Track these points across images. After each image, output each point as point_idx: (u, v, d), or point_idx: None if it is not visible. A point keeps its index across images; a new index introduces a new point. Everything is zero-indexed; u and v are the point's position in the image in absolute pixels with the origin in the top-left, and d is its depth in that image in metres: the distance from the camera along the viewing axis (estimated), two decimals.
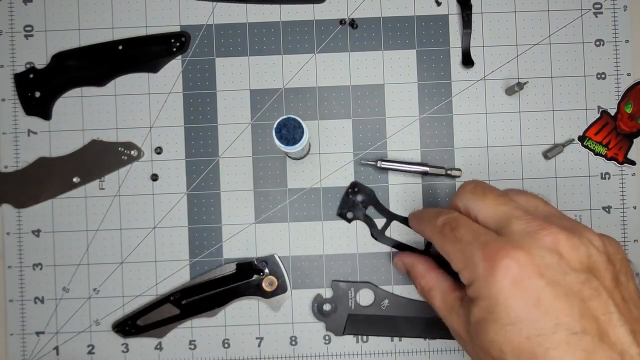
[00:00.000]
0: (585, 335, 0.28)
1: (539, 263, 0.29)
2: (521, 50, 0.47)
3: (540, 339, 0.28)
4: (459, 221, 0.33)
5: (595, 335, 0.28)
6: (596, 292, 0.29)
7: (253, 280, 0.45)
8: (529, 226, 0.30)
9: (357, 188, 0.46)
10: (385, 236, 0.46)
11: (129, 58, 0.46)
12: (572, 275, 0.29)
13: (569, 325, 0.28)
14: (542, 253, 0.29)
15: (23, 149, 0.46)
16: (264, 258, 0.45)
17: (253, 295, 0.45)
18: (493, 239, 0.30)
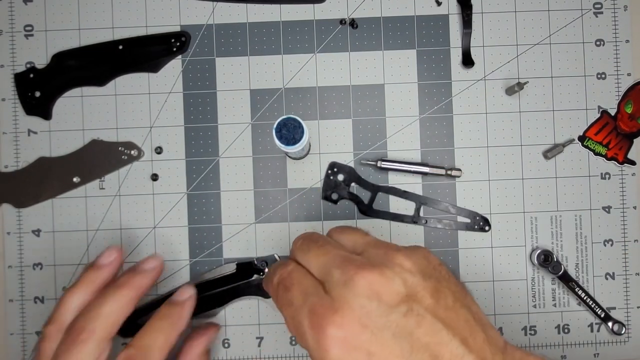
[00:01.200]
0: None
1: (359, 314, 0.28)
2: (521, 50, 0.47)
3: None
4: (292, 279, 0.32)
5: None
6: (420, 317, 0.28)
7: (253, 280, 0.45)
8: (345, 275, 0.29)
9: (337, 168, 0.46)
10: (374, 209, 0.46)
11: (129, 58, 0.46)
12: (394, 313, 0.28)
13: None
14: (361, 302, 0.28)
15: (23, 149, 0.46)
16: (264, 258, 0.45)
17: (253, 295, 0.45)
18: (318, 302, 0.29)
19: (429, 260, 0.31)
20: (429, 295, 0.29)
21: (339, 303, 0.29)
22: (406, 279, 0.29)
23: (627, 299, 0.46)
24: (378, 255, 0.31)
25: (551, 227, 0.46)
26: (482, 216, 0.46)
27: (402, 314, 0.28)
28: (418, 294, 0.29)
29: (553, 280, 0.46)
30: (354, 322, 0.28)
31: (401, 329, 0.28)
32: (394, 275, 0.29)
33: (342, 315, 0.28)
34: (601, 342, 0.46)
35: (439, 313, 0.29)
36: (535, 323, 0.46)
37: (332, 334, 0.28)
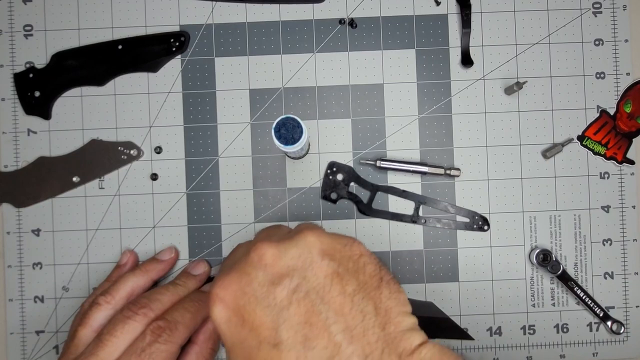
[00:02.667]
0: (286, 345, 0.27)
1: (242, 281, 0.29)
2: (520, 50, 0.47)
3: (252, 357, 0.28)
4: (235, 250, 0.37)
5: (298, 343, 0.27)
6: (303, 294, 0.28)
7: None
8: (247, 248, 0.32)
9: (336, 167, 0.46)
10: (373, 209, 0.46)
11: (128, 58, 0.46)
12: (275, 285, 0.29)
13: (269, 339, 0.27)
14: (247, 270, 0.30)
15: (23, 149, 0.46)
16: None
17: None
18: (224, 270, 0.32)
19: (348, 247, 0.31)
20: (323, 275, 0.29)
21: (233, 270, 0.30)
22: (300, 253, 0.29)
23: (625, 298, 0.46)
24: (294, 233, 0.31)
25: (550, 227, 0.46)
26: (481, 215, 0.46)
27: (283, 287, 0.28)
28: (308, 271, 0.29)
29: (552, 280, 0.46)
30: (236, 286, 0.29)
31: (278, 301, 0.28)
32: (287, 248, 0.30)
33: (229, 279, 0.30)
34: (600, 342, 0.46)
35: (327, 295, 0.28)
36: (534, 322, 0.46)
37: (216, 292, 0.30)
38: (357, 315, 0.28)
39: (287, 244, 0.30)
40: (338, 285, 0.29)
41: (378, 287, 0.29)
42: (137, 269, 0.43)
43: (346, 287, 0.29)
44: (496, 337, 0.46)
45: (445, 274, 0.46)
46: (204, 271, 0.44)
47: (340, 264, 0.29)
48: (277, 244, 0.30)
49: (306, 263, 0.29)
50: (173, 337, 0.38)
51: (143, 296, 0.40)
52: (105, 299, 0.40)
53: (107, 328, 0.38)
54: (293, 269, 0.29)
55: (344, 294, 0.28)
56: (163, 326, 0.38)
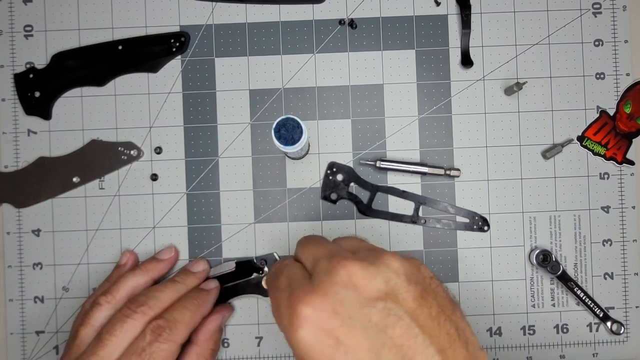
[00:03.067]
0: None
1: (333, 301, 0.28)
2: (520, 50, 0.47)
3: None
4: (283, 268, 0.34)
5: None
6: (397, 317, 0.28)
7: (252, 278, 0.45)
8: (329, 264, 0.30)
9: (336, 168, 0.46)
10: (373, 209, 0.46)
11: (128, 58, 0.46)
12: (369, 307, 0.28)
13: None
14: (336, 289, 0.29)
15: (23, 149, 0.46)
16: (263, 256, 0.45)
17: (252, 293, 0.45)
18: (299, 286, 0.30)
19: (420, 270, 0.32)
20: (412, 299, 0.29)
21: (317, 287, 0.29)
22: (389, 278, 0.30)
23: (625, 298, 0.46)
24: (369, 254, 0.31)
25: (550, 227, 0.46)
26: (481, 216, 0.46)
27: (378, 309, 0.28)
28: (399, 295, 0.29)
29: (552, 280, 0.46)
30: (326, 306, 0.28)
31: (374, 324, 0.28)
32: (377, 272, 0.29)
33: (317, 298, 0.29)
34: (600, 342, 0.46)
35: (418, 318, 0.29)
36: (534, 323, 0.46)
37: (303, 313, 0.28)
38: (445, 336, 0.29)
39: (375, 267, 0.30)
40: (425, 308, 0.29)
41: (453, 310, 0.31)
42: (137, 269, 0.43)
43: (431, 310, 0.29)
44: (496, 337, 0.46)
45: (445, 274, 0.46)
46: (204, 269, 0.44)
47: (424, 287, 0.30)
48: (364, 264, 0.30)
49: (396, 287, 0.29)
50: (173, 336, 0.38)
51: (141, 294, 0.40)
52: (106, 298, 0.40)
53: (107, 327, 0.38)
54: (385, 292, 0.29)
55: (431, 317, 0.29)
56: (163, 325, 0.38)
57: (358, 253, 0.32)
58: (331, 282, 0.29)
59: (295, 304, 0.29)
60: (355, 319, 0.28)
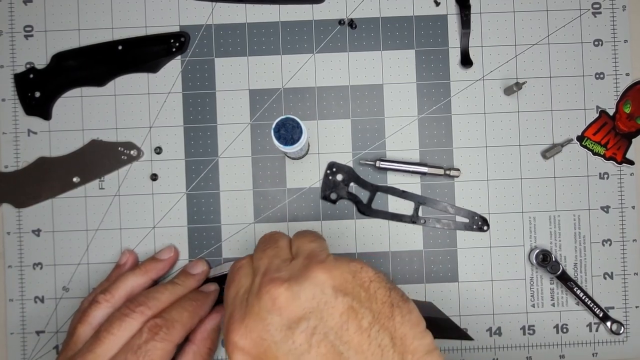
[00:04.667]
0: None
1: (259, 327, 0.29)
2: (520, 50, 0.47)
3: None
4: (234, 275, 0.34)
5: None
6: (322, 336, 0.28)
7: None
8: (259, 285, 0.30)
9: (335, 168, 0.46)
10: (373, 209, 0.46)
11: (128, 58, 0.46)
12: (292, 329, 0.28)
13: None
14: (263, 315, 0.29)
15: (23, 149, 0.46)
16: None
17: None
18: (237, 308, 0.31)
19: (357, 275, 0.30)
20: (338, 314, 0.29)
21: (248, 312, 0.30)
22: (314, 294, 0.29)
23: (625, 298, 0.46)
24: (300, 266, 0.31)
25: (550, 227, 0.46)
26: (480, 216, 0.46)
27: (300, 330, 0.28)
28: (324, 311, 0.29)
29: (551, 280, 0.46)
30: (254, 333, 0.29)
31: (298, 346, 0.28)
32: (299, 290, 0.29)
33: (246, 326, 0.29)
34: (600, 342, 0.46)
35: (345, 334, 0.28)
36: (534, 323, 0.46)
37: (235, 342, 0.29)
38: (376, 350, 0.28)
39: (299, 285, 0.29)
40: (354, 321, 0.28)
41: (391, 315, 0.29)
42: (137, 269, 0.43)
43: (362, 322, 0.29)
44: (496, 337, 0.46)
45: (444, 274, 0.46)
46: (203, 270, 0.44)
47: (354, 297, 0.29)
48: (289, 284, 0.29)
49: (321, 303, 0.29)
50: (169, 335, 0.38)
51: (141, 294, 0.40)
52: (105, 297, 0.40)
53: (105, 325, 0.38)
54: (309, 310, 0.29)
55: (360, 330, 0.28)
56: (160, 324, 0.38)
57: (293, 262, 0.32)
58: (259, 307, 0.29)
59: (230, 329, 0.30)
60: (279, 343, 0.28)
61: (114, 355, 0.37)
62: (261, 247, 0.34)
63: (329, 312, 0.29)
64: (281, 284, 0.29)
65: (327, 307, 0.29)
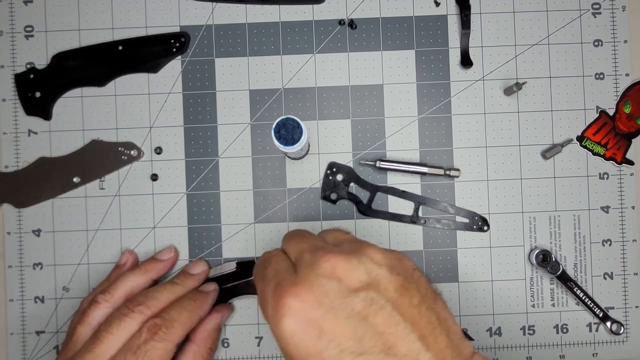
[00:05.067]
0: (370, 354, 0.28)
1: (317, 292, 0.29)
2: (520, 51, 0.47)
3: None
4: (270, 259, 0.34)
5: (381, 351, 0.28)
6: (379, 306, 0.29)
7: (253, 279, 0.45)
8: (313, 257, 0.31)
9: (336, 168, 0.46)
10: (373, 209, 0.46)
11: (128, 58, 0.47)
12: (352, 297, 0.29)
13: (352, 348, 0.28)
14: (320, 281, 0.30)
15: (23, 149, 0.46)
16: None
17: (253, 294, 0.45)
18: (285, 277, 0.31)
19: (402, 261, 0.33)
20: (393, 288, 0.30)
21: (301, 279, 0.30)
22: (371, 269, 0.31)
23: (625, 298, 0.46)
24: (352, 246, 0.32)
25: (550, 227, 0.46)
26: (480, 216, 0.46)
27: (360, 299, 0.29)
28: (381, 284, 0.30)
29: (551, 280, 0.46)
30: (310, 296, 0.29)
31: (356, 313, 0.29)
32: (358, 264, 0.30)
33: (301, 289, 0.30)
34: (600, 342, 0.46)
35: (400, 307, 0.30)
36: (534, 323, 0.46)
37: (288, 303, 0.29)
38: (426, 324, 0.30)
39: (357, 259, 0.31)
40: (406, 297, 0.30)
41: (435, 299, 0.32)
42: (137, 269, 0.43)
43: (412, 299, 0.30)
44: (496, 337, 0.46)
45: (444, 275, 0.46)
46: (203, 271, 0.44)
47: (405, 277, 0.31)
48: (346, 257, 0.31)
49: (378, 277, 0.30)
50: (169, 335, 0.38)
51: (140, 294, 0.40)
52: (104, 297, 0.40)
53: (104, 325, 0.38)
54: (367, 282, 0.30)
55: (412, 306, 0.30)
56: (159, 324, 0.38)
57: (341, 246, 0.33)
58: (315, 274, 0.30)
59: (281, 295, 0.30)
60: (337, 309, 0.29)
61: (114, 355, 0.37)
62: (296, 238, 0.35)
63: (385, 286, 0.30)
64: (339, 255, 0.31)
65: (383, 282, 0.30)
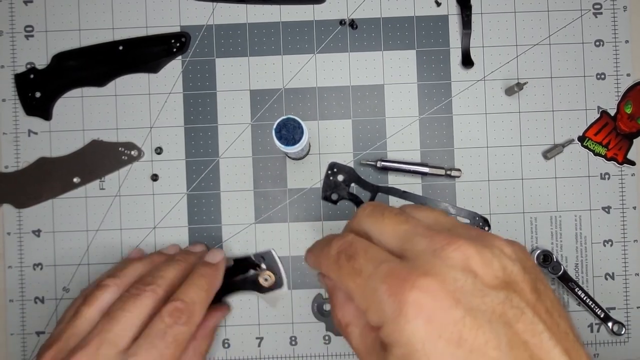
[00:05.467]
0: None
1: (452, 288, 0.24)
2: (521, 51, 0.47)
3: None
4: (356, 246, 0.28)
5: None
6: (520, 310, 0.24)
7: (250, 275, 0.45)
8: (434, 243, 0.26)
9: (336, 168, 0.46)
10: None
11: (129, 58, 0.46)
12: (491, 296, 0.24)
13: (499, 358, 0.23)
14: (453, 274, 0.24)
15: (23, 149, 0.46)
16: (261, 253, 0.45)
17: (249, 290, 0.45)
18: (397, 267, 0.25)
19: (528, 256, 0.28)
20: (529, 290, 0.25)
21: (427, 269, 0.24)
22: (506, 265, 0.25)
23: (626, 299, 0.46)
24: (471, 233, 0.27)
25: (551, 228, 0.46)
26: (481, 216, 0.46)
27: (500, 300, 0.24)
28: (518, 285, 0.25)
29: (553, 281, 0.46)
30: (445, 293, 0.24)
31: (498, 316, 0.24)
32: (492, 257, 0.25)
33: (430, 283, 0.24)
34: (601, 343, 0.46)
35: (539, 312, 0.25)
36: None
37: (417, 299, 0.23)
38: (564, 335, 0.25)
39: (490, 252, 0.25)
40: (542, 302, 0.25)
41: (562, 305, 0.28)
42: (145, 259, 0.42)
43: (546, 303, 0.26)
44: None
45: None
46: (202, 250, 0.44)
47: (535, 276, 0.26)
48: (476, 247, 0.25)
49: (512, 276, 0.25)
50: (193, 317, 0.37)
51: (147, 274, 0.39)
52: (114, 280, 0.38)
53: (118, 304, 0.36)
54: (503, 281, 0.25)
55: (548, 312, 0.25)
56: (181, 307, 0.36)
57: (453, 230, 0.28)
58: (445, 265, 0.24)
59: (405, 287, 0.24)
60: (479, 310, 0.23)
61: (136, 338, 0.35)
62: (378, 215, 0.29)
63: (521, 286, 0.25)
64: (469, 244, 0.25)
65: (519, 281, 0.25)
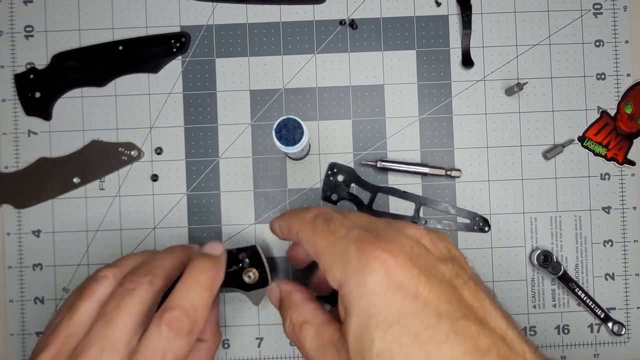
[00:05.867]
0: (467, 320, 0.26)
1: (410, 252, 0.28)
2: (521, 51, 0.47)
3: (429, 332, 0.26)
4: (333, 214, 0.32)
5: (475, 320, 0.27)
6: (464, 280, 0.29)
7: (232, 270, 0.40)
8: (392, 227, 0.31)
9: (337, 168, 0.46)
10: (374, 210, 0.46)
11: (129, 58, 0.46)
12: (440, 266, 0.29)
13: (450, 312, 0.26)
14: (411, 243, 0.29)
15: (23, 149, 0.46)
16: (243, 248, 0.40)
17: (233, 287, 0.40)
18: (367, 234, 0.29)
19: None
20: (469, 268, 0.30)
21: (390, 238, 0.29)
22: (450, 247, 0.31)
23: (626, 299, 0.46)
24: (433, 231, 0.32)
25: (551, 228, 0.46)
26: (481, 217, 0.46)
27: (448, 268, 0.29)
28: (461, 262, 0.30)
29: (553, 281, 0.46)
30: (404, 253, 0.28)
31: (447, 280, 0.28)
32: (438, 239, 0.31)
33: (393, 247, 0.28)
34: (601, 343, 0.46)
35: (480, 285, 0.29)
36: (535, 324, 0.46)
37: (380, 257, 0.27)
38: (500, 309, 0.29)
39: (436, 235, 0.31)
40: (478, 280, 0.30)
41: None
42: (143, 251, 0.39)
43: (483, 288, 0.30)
44: None
45: None
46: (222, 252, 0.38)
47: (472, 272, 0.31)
48: (427, 231, 0.31)
49: (456, 255, 0.31)
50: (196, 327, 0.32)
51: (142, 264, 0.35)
52: (113, 271, 0.34)
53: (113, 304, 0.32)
54: (449, 257, 0.30)
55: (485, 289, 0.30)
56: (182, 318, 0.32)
57: None
58: (404, 236, 0.29)
59: (370, 248, 0.28)
60: (431, 272, 0.28)
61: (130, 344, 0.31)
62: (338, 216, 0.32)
63: (464, 265, 0.31)
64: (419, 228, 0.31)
65: (461, 260, 0.31)
